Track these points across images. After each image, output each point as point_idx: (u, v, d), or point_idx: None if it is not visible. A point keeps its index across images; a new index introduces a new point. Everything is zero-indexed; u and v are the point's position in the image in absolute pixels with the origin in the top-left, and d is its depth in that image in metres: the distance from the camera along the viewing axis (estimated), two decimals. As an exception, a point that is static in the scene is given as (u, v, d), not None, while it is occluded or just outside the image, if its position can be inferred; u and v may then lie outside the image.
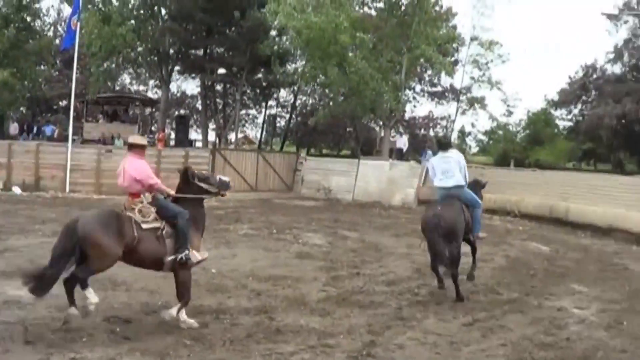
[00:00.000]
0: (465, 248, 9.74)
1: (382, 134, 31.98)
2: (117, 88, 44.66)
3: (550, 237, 15.37)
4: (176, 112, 48.05)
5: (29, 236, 12.57)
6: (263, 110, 45.67)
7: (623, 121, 37.23)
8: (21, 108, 41.57)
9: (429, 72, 40.87)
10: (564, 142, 42.31)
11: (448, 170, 9.24)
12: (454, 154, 9.48)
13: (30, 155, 23.24)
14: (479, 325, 7.89)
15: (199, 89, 42.67)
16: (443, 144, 9.88)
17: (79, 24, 24.57)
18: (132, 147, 7.43)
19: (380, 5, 29.42)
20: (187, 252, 7.03)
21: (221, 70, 34.12)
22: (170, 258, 7.02)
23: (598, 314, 8.80)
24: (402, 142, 29.64)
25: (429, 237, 9.05)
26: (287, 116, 45.16)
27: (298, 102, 44.17)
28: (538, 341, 7.34)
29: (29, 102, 41.06)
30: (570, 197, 19.23)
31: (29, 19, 32.97)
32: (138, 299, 8.24)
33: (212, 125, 42.82)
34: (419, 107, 46.77)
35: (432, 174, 9.68)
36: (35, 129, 37.18)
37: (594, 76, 42.16)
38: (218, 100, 41.64)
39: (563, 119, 44.96)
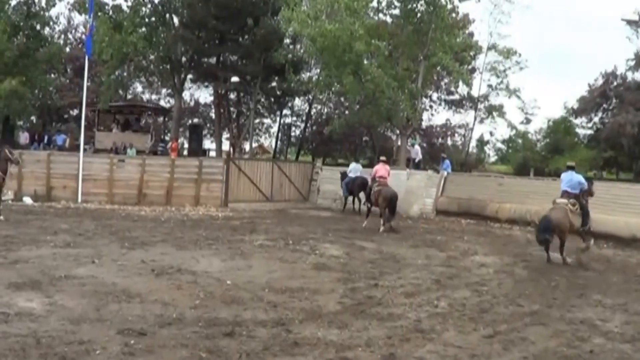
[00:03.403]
0: None
1: (399, 143, 31.69)
2: (129, 97, 44.66)
3: (571, 247, 14.98)
4: (189, 121, 48.05)
5: (41, 247, 12.43)
6: (277, 119, 45.46)
7: (645, 129, 36.75)
8: (31, 117, 41.69)
9: (446, 80, 40.71)
10: (585, 150, 41.81)
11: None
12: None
13: (41, 165, 22.92)
14: (500, 338, 7.65)
15: (212, 98, 42.67)
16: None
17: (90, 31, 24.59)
18: None
19: (396, 12, 29.17)
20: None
21: (234, 79, 33.92)
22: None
23: (622, 326, 8.54)
24: (415, 151, 29.26)
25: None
26: (302, 125, 44.93)
27: (313, 110, 44.03)
28: (560, 354, 7.12)
29: (39, 111, 41.24)
30: (592, 206, 18.74)
31: (38, 26, 32.70)
32: (152, 311, 8.05)
33: (225, 135, 42.75)
34: (436, 115, 46.46)
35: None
36: (46, 138, 37.38)
37: (614, 84, 41.69)
38: (232, 109, 41.45)
39: (583, 127, 44.49)
